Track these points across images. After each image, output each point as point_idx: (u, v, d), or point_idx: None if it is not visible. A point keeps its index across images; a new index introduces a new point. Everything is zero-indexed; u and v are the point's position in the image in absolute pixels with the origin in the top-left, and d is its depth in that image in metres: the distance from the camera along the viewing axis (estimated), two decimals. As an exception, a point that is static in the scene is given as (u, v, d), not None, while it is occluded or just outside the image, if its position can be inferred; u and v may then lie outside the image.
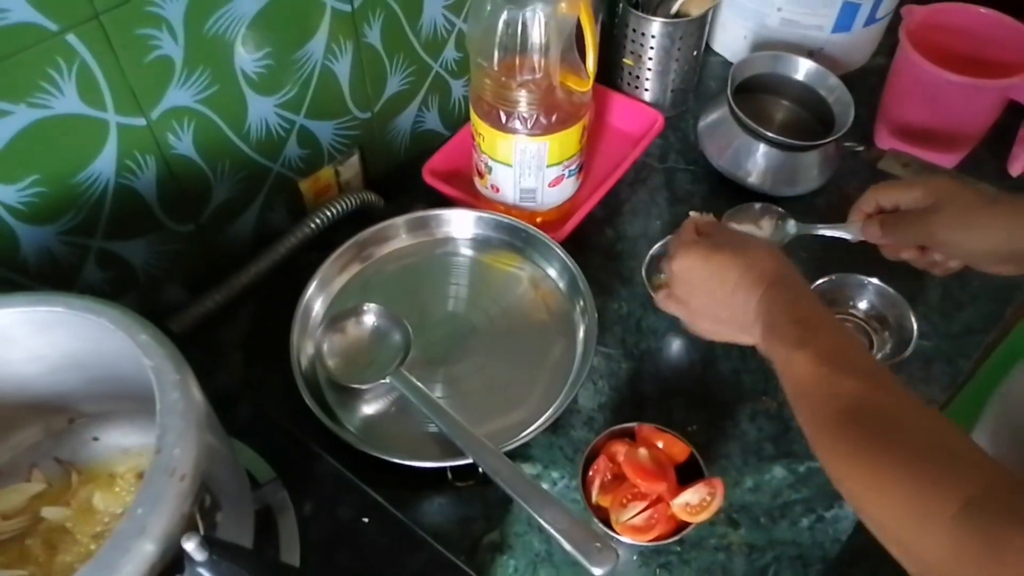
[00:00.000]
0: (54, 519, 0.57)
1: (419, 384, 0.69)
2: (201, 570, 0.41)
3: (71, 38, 0.57)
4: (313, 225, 0.82)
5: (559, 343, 0.76)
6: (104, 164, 0.65)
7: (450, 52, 0.89)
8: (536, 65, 0.72)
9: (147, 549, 0.41)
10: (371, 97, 0.84)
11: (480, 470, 0.68)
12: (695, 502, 0.64)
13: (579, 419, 0.74)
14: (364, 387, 0.71)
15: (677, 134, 0.98)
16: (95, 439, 0.61)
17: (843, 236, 0.76)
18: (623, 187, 0.92)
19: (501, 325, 0.78)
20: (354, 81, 0.80)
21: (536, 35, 0.71)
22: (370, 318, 0.74)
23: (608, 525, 0.64)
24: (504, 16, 0.70)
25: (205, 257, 0.79)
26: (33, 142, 0.59)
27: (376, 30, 0.79)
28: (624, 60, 0.97)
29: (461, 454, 0.66)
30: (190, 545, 0.40)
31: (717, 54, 1.09)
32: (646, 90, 0.98)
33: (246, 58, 0.69)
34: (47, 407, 0.59)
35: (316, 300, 0.77)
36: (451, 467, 0.68)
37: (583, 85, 0.77)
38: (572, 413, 0.74)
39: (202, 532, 0.44)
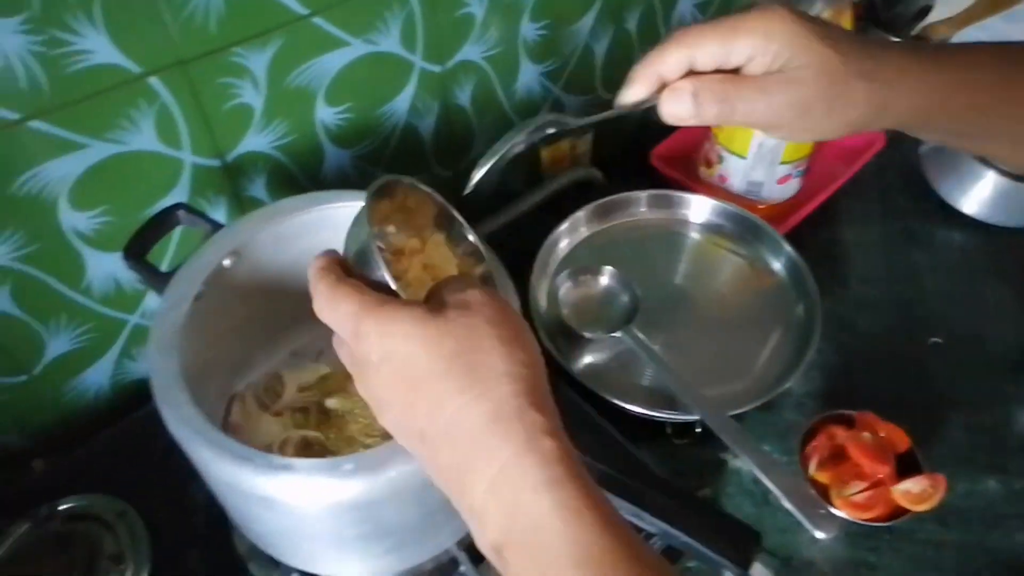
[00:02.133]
0: (338, 406, 0.64)
1: (648, 342, 0.74)
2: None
3: (153, 81, 0.58)
4: (549, 190, 0.88)
5: (777, 330, 0.79)
6: (176, 200, 0.65)
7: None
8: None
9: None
10: (616, 79, 0.88)
11: (697, 430, 0.72)
12: (916, 491, 0.65)
13: (790, 402, 0.77)
14: (594, 336, 0.76)
15: (896, 154, 1.00)
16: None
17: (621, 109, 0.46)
18: (839, 195, 0.94)
19: (722, 305, 0.81)
20: (607, 60, 0.87)
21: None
22: (604, 278, 0.79)
23: (825, 500, 0.66)
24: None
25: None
26: (106, 174, 0.60)
27: (634, 17, 0.85)
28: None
29: (676, 412, 0.70)
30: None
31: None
32: (871, 108, 1.00)
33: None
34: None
35: (552, 256, 0.82)
36: (671, 421, 0.72)
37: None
38: (784, 396, 0.77)
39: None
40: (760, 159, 0.84)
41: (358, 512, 0.47)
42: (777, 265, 0.83)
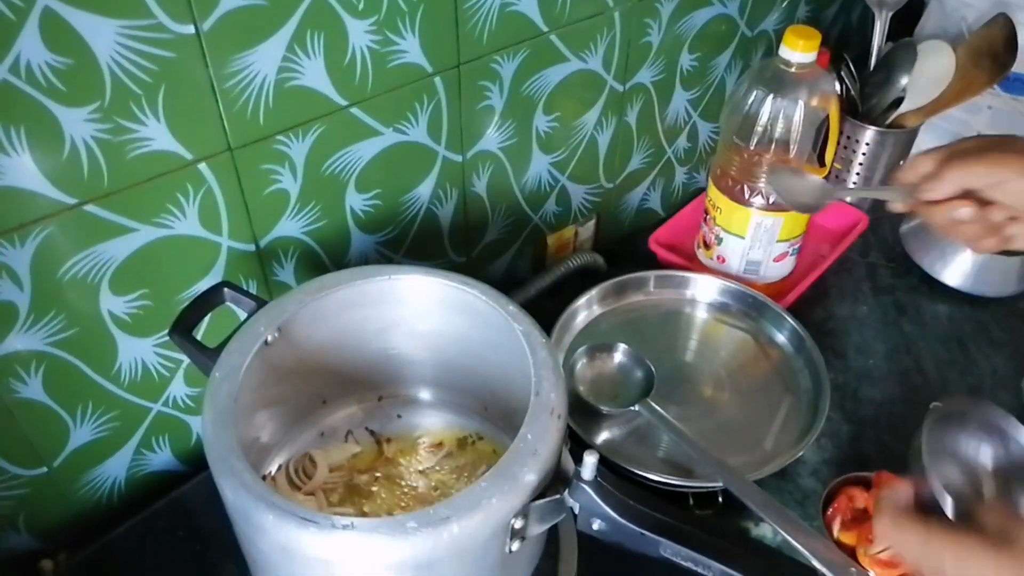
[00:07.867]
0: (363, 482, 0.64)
1: (666, 414, 0.76)
2: (585, 486, 0.47)
3: (202, 167, 0.59)
4: (557, 273, 0.92)
5: (786, 401, 0.81)
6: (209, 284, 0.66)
7: (682, 142, 1.00)
8: (789, 149, 0.82)
9: (538, 465, 0.48)
10: (617, 169, 0.95)
11: (719, 499, 0.73)
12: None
13: (805, 469, 0.79)
14: (612, 411, 0.78)
15: (877, 234, 1.06)
16: (399, 416, 0.70)
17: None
18: (829, 274, 0.99)
19: (732, 380, 0.84)
20: (609, 152, 0.92)
21: (794, 124, 0.81)
22: (619, 355, 0.82)
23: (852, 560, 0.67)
24: (769, 105, 0.80)
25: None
26: (148, 259, 0.62)
27: (634, 112, 0.91)
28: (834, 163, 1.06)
29: (697, 481, 0.72)
30: (591, 460, 0.47)
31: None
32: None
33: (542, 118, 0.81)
34: (370, 383, 0.68)
35: (567, 332, 0.85)
36: (694, 491, 0.73)
37: (821, 172, 0.86)
38: (798, 463, 0.79)
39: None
40: (758, 238, 0.89)
41: (420, 571, 0.47)
42: (781, 338, 0.87)
